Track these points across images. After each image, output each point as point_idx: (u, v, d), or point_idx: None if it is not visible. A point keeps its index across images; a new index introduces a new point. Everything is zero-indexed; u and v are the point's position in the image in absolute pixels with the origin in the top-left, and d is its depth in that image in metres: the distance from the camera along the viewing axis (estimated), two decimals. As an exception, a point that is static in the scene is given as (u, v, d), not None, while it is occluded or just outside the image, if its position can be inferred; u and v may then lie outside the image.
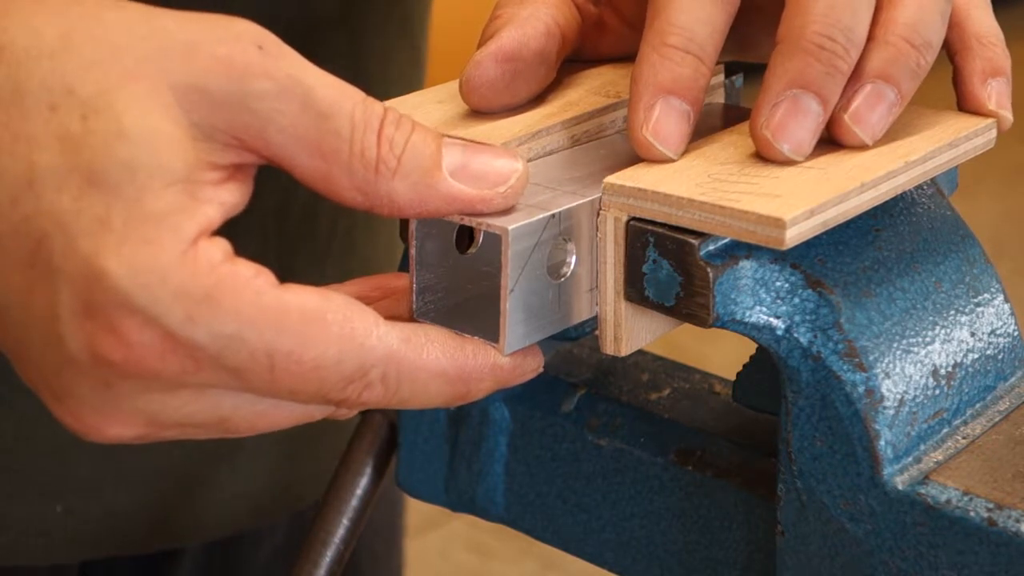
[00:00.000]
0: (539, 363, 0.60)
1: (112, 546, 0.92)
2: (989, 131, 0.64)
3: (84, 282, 0.52)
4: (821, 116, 0.59)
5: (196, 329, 0.53)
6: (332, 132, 0.55)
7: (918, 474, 0.58)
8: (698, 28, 0.60)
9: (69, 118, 0.53)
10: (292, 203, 0.89)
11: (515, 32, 0.64)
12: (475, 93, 0.64)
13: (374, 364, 0.55)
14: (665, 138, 0.60)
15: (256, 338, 0.53)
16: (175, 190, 0.53)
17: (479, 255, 0.61)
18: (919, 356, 0.60)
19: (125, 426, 0.55)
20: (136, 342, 0.53)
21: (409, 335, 0.56)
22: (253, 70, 0.54)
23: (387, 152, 0.55)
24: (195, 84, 0.53)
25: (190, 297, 0.52)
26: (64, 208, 0.52)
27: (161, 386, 0.54)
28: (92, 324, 0.53)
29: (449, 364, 0.57)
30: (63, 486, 0.89)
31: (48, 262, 0.53)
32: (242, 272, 0.54)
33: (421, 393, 0.57)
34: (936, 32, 0.61)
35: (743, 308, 0.58)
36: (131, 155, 0.52)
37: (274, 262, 0.56)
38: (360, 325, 0.55)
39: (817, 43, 0.59)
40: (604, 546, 0.69)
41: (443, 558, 2.68)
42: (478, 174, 0.57)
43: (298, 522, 1.00)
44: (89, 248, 0.52)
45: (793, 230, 0.55)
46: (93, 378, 0.54)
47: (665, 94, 0.60)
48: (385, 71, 0.93)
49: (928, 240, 0.63)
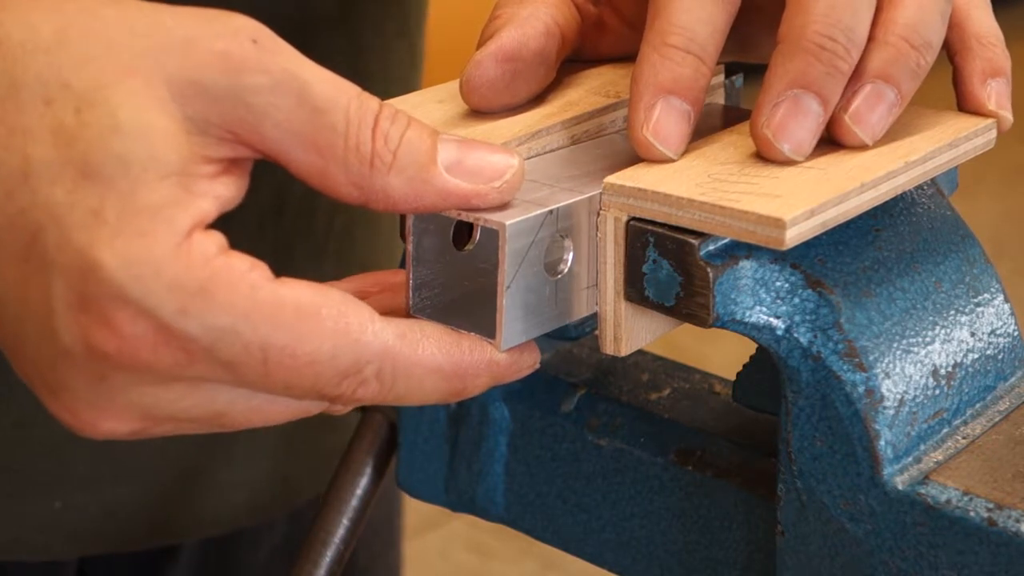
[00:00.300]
0: (535, 359, 0.60)
1: (111, 542, 0.92)
2: (989, 131, 0.64)
3: (78, 274, 0.52)
4: (821, 116, 0.59)
5: (189, 321, 0.53)
6: (327, 127, 0.55)
7: (918, 474, 0.58)
8: (699, 28, 0.60)
9: (64, 111, 0.53)
10: (288, 200, 0.89)
11: (515, 32, 0.64)
12: (475, 93, 0.64)
13: (369, 360, 0.55)
14: (665, 138, 0.60)
15: (250, 332, 0.53)
16: (169, 183, 0.53)
17: (476, 251, 0.61)
18: (919, 356, 0.60)
19: (119, 420, 0.55)
20: (129, 334, 0.53)
21: (404, 331, 0.56)
22: (249, 65, 0.54)
23: (382, 147, 0.55)
24: (191, 79, 0.54)
25: (184, 289, 0.52)
26: (58, 201, 0.52)
27: (155, 379, 0.54)
28: (86, 316, 0.53)
29: (445, 360, 0.57)
30: (61, 483, 0.89)
31: (43, 255, 0.53)
32: (237, 265, 0.54)
33: (417, 389, 0.57)
34: (936, 32, 0.61)
35: (743, 308, 0.58)
36: (125, 148, 0.52)
37: (270, 258, 0.56)
38: (355, 320, 0.55)
39: (818, 43, 0.59)
40: (604, 546, 0.69)
41: (443, 558, 2.68)
42: (473, 169, 0.57)
43: (296, 522, 1.00)
44: (83, 240, 0.52)
45: (793, 230, 0.55)
46: (87, 371, 0.54)
47: (666, 94, 0.60)
48: (383, 69, 0.94)
49: (928, 240, 0.63)
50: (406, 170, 0.55)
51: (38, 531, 0.90)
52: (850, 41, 0.59)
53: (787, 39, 0.59)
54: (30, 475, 0.89)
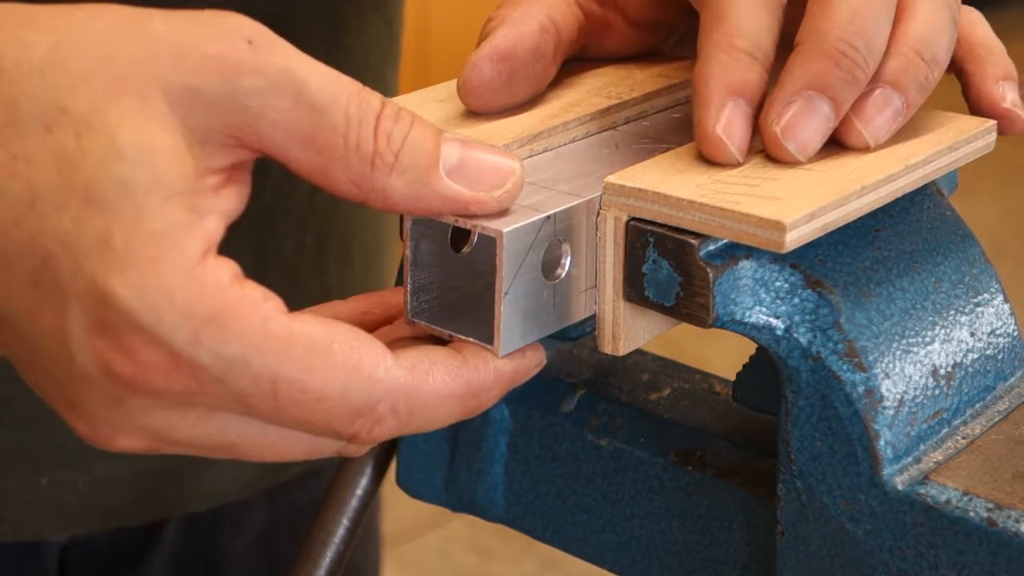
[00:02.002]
0: (541, 357, 0.60)
1: (98, 519, 0.92)
2: (989, 134, 0.64)
3: (93, 302, 0.52)
4: (831, 121, 0.60)
5: (200, 349, 0.52)
6: (327, 126, 0.54)
7: (918, 474, 0.58)
8: (762, 36, 0.60)
9: (65, 137, 0.52)
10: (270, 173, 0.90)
11: (508, 32, 0.64)
12: (472, 95, 0.64)
13: (381, 398, 0.55)
14: (734, 139, 0.60)
15: (260, 363, 0.53)
16: (174, 204, 0.53)
17: (474, 255, 0.61)
18: (919, 356, 0.60)
19: (136, 439, 0.55)
20: (144, 360, 0.53)
21: (414, 363, 0.56)
22: (244, 67, 0.54)
23: (384, 147, 0.55)
24: (187, 85, 0.53)
25: (196, 317, 0.52)
26: (67, 228, 0.52)
27: (169, 404, 0.54)
28: (103, 342, 0.53)
29: (456, 384, 0.57)
30: (47, 459, 0.89)
31: (55, 282, 0.53)
32: (250, 295, 0.53)
33: (434, 418, 0.57)
34: (944, 50, 0.62)
35: (743, 308, 0.59)
36: (127, 173, 0.52)
37: (251, 231, 0.56)
38: (368, 357, 0.55)
39: (840, 49, 0.59)
40: (604, 546, 0.69)
41: (443, 558, 2.68)
42: (475, 175, 0.56)
43: (276, 507, 1.01)
44: (94, 269, 0.52)
45: (793, 233, 0.55)
46: (104, 394, 0.54)
47: (735, 96, 0.60)
48: (361, 43, 0.93)
49: (928, 240, 0.63)
50: (407, 172, 0.55)
51: (25, 508, 0.90)
52: (869, 52, 0.59)
53: (808, 42, 0.60)
54: (15, 452, 0.89)
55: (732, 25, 0.60)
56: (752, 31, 0.60)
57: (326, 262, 0.95)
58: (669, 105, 0.68)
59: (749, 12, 0.61)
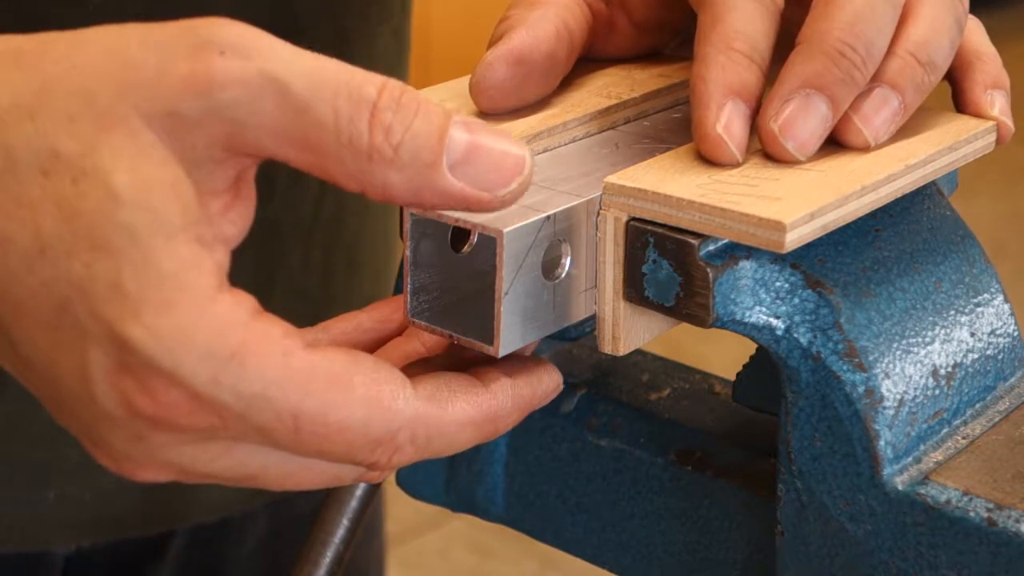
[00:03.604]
0: (558, 381, 0.60)
1: (105, 531, 0.92)
2: (989, 135, 0.64)
3: (112, 345, 0.52)
4: (829, 120, 0.60)
5: (221, 390, 0.52)
6: (314, 124, 0.53)
7: (918, 474, 0.58)
8: (760, 40, 0.61)
9: (61, 183, 0.52)
10: (276, 182, 0.89)
11: (526, 34, 0.64)
12: (484, 95, 0.63)
13: (401, 427, 0.55)
14: (734, 138, 0.60)
15: (282, 398, 0.53)
16: (180, 241, 0.52)
17: (474, 254, 0.61)
18: (919, 356, 0.60)
19: (158, 472, 0.55)
20: (165, 401, 0.53)
21: (433, 391, 0.56)
22: (218, 80, 0.52)
23: (381, 141, 0.53)
24: (167, 110, 0.52)
25: (215, 357, 0.52)
26: (79, 274, 0.52)
27: (192, 439, 0.54)
28: (125, 382, 0.53)
29: (475, 412, 0.57)
30: (55, 472, 0.89)
31: (75, 324, 0.52)
32: (270, 332, 0.53)
33: (452, 444, 0.57)
34: (944, 55, 0.62)
35: (743, 308, 0.59)
36: (128, 217, 0.51)
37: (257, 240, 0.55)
38: (387, 388, 0.54)
39: (839, 49, 0.59)
40: (604, 546, 0.69)
41: (443, 558, 2.68)
42: (479, 173, 0.54)
43: (278, 516, 1.01)
44: (110, 314, 0.52)
45: (793, 234, 0.55)
46: (127, 431, 0.54)
47: (733, 96, 0.60)
48: (369, 56, 0.93)
49: (928, 240, 0.63)
50: (407, 168, 0.53)
51: (33, 521, 0.90)
52: (869, 54, 0.60)
53: (809, 41, 0.60)
54: (24, 465, 0.89)
55: (730, 27, 0.61)
56: (750, 33, 0.61)
57: (332, 272, 0.95)
58: (669, 105, 0.68)
59: (747, 15, 0.61)
